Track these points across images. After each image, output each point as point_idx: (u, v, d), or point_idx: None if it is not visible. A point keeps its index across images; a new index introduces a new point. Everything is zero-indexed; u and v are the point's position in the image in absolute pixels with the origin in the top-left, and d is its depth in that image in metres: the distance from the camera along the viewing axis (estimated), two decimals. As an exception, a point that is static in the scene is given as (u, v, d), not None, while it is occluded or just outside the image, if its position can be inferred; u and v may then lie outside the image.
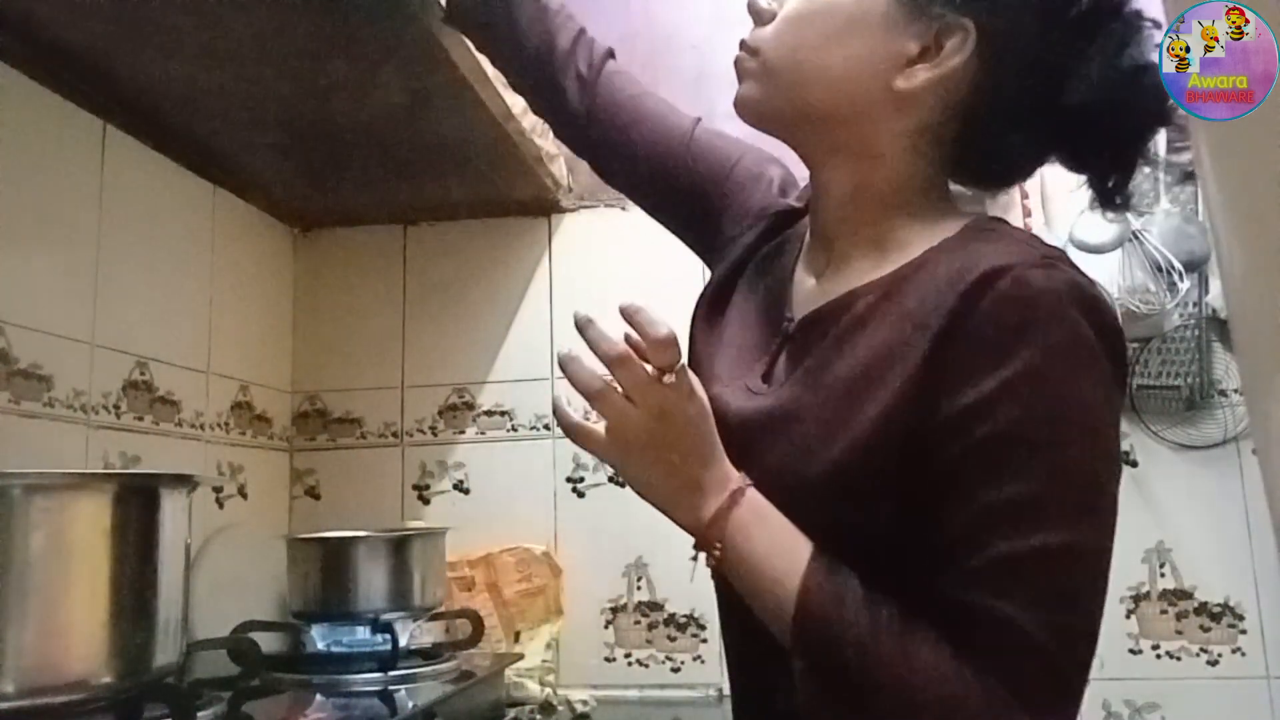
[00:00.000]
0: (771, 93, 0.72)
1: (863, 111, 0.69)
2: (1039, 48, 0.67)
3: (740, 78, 0.74)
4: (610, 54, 0.96)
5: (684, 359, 0.66)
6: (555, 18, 0.94)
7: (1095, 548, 0.61)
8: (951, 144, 0.71)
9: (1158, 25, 0.66)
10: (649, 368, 0.65)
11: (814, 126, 0.72)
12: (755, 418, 0.71)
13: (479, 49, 1.02)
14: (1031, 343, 0.59)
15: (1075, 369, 0.60)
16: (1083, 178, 0.71)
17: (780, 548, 0.65)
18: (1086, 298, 0.61)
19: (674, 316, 1.89)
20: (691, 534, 0.68)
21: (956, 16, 0.66)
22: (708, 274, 1.87)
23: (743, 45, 0.74)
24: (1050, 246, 0.66)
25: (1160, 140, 1.61)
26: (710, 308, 0.85)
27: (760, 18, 0.73)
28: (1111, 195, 0.70)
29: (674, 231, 0.96)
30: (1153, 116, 0.67)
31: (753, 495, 0.67)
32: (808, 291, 0.76)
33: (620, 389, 0.66)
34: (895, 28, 0.67)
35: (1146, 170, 1.59)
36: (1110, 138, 0.68)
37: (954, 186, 0.76)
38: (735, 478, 0.67)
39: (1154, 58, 0.67)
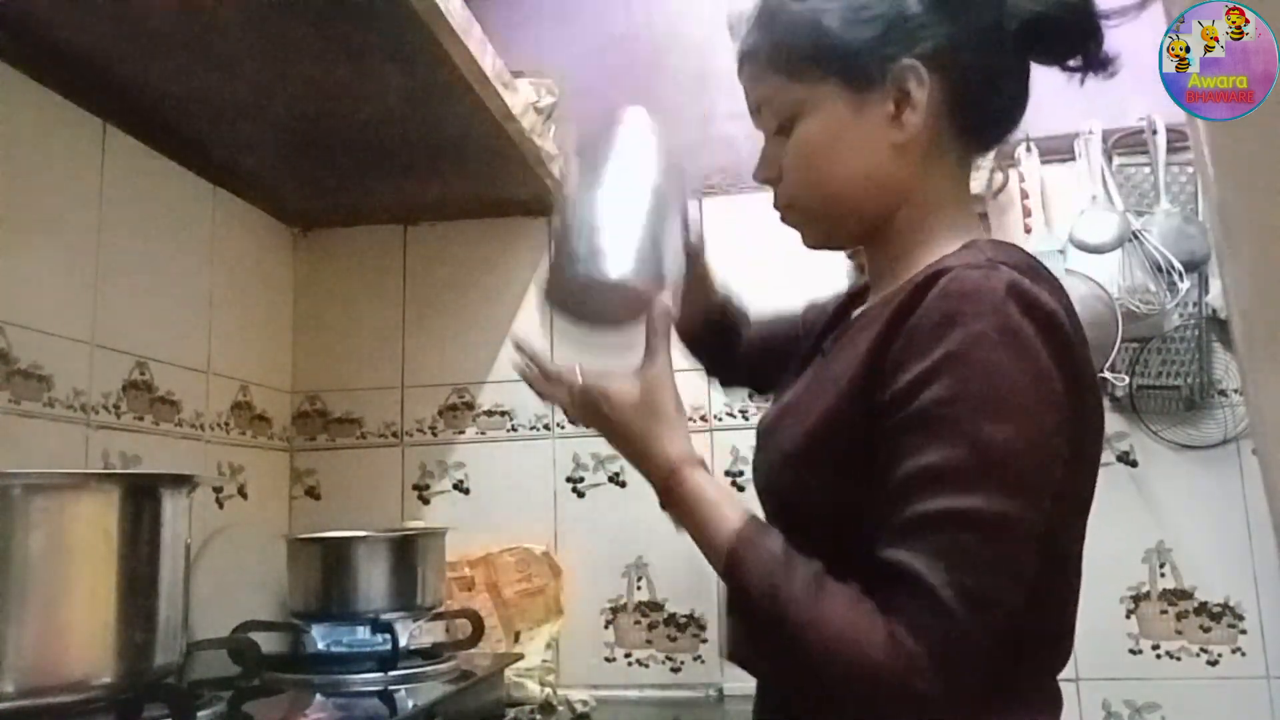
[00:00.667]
0: (826, 227, 0.82)
1: (885, 180, 0.77)
2: (963, 23, 0.74)
3: (796, 228, 0.84)
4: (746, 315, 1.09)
5: (580, 379, 0.82)
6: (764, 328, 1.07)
7: (1009, 519, 0.64)
8: (955, 139, 0.77)
9: None
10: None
11: (864, 218, 0.80)
12: (770, 422, 0.83)
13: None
14: (959, 329, 0.65)
15: (1002, 353, 0.65)
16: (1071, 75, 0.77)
17: (716, 520, 0.73)
18: (1024, 294, 0.66)
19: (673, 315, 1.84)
20: None
21: (899, 63, 0.74)
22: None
23: (777, 206, 0.83)
24: (1014, 254, 0.72)
25: (1162, 143, 1.62)
26: (795, 368, 0.94)
27: (771, 181, 0.82)
28: (1096, 62, 0.75)
29: None
30: None
31: (689, 477, 0.76)
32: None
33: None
34: (863, 107, 0.75)
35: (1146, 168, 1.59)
36: (1064, 20, 0.74)
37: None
38: (675, 461, 0.76)
39: None
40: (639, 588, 1.66)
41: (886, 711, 0.64)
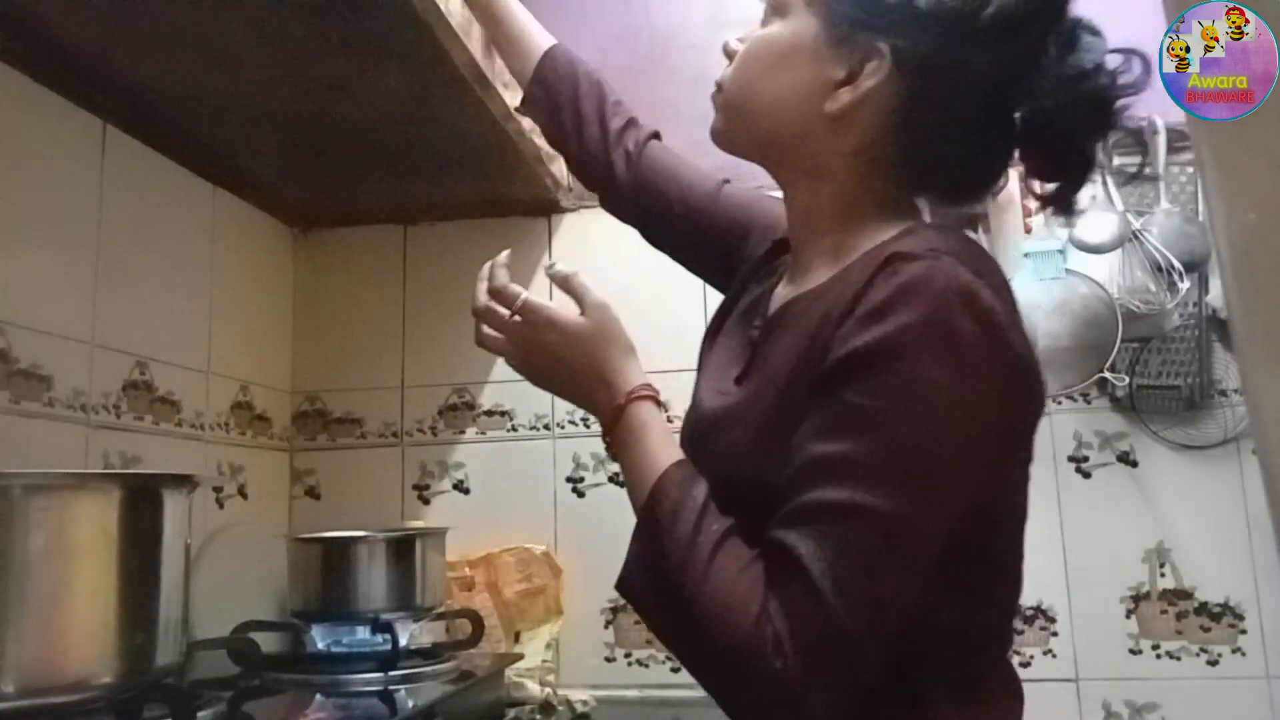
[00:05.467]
0: (731, 123, 0.81)
1: (803, 134, 0.76)
2: (958, 61, 0.70)
3: (715, 111, 0.83)
4: (655, 135, 1.05)
5: (523, 297, 0.81)
6: (611, 108, 1.05)
7: (907, 523, 0.63)
8: (897, 161, 0.75)
9: (1096, 31, 0.72)
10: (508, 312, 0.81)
11: (769, 150, 0.80)
12: (715, 414, 0.79)
13: (545, 136, 1.13)
14: (893, 319, 0.64)
15: (931, 352, 0.63)
16: (1043, 186, 0.76)
17: (655, 452, 0.73)
18: (964, 288, 0.64)
19: (673, 314, 1.88)
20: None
21: (874, 42, 0.71)
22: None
23: (717, 81, 0.82)
24: (957, 242, 0.69)
25: (1162, 143, 1.62)
26: (715, 326, 0.93)
27: (731, 58, 0.81)
28: (1065, 201, 0.75)
29: (713, 285, 1.04)
30: (1096, 121, 0.72)
31: (634, 411, 0.76)
32: (779, 299, 0.82)
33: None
34: (822, 57, 0.74)
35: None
36: (1058, 142, 0.73)
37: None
38: (622, 393, 0.76)
39: (1098, 61, 0.71)
40: (639, 588, 1.66)
41: (741, 684, 0.65)
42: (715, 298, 1.67)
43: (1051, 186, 0.75)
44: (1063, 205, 0.75)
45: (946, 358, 0.64)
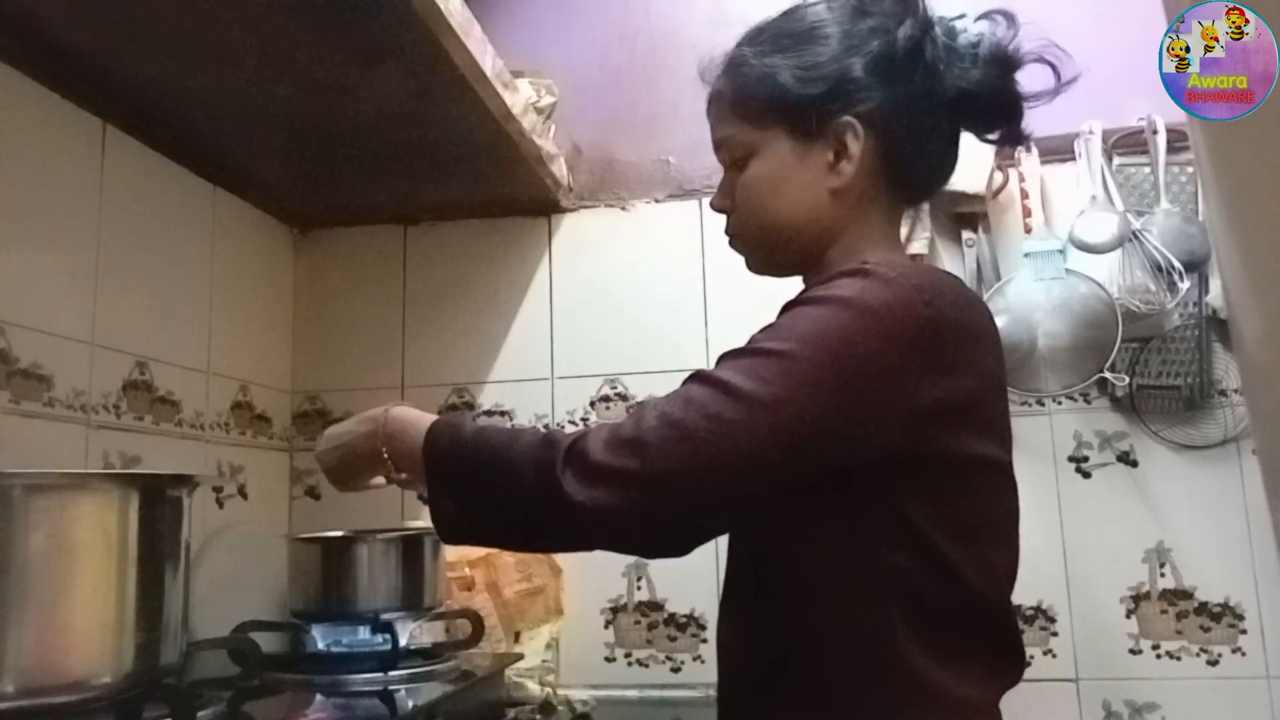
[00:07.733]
0: (763, 255, 0.91)
1: (821, 219, 0.86)
2: (903, 93, 0.83)
3: (741, 254, 0.92)
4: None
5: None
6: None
7: (745, 396, 0.70)
8: (888, 189, 0.86)
9: (962, 15, 0.85)
10: None
11: (800, 252, 0.88)
12: None
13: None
14: (812, 300, 0.75)
15: (834, 316, 0.72)
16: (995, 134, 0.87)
17: (420, 422, 0.83)
18: (888, 293, 0.73)
19: (673, 314, 1.88)
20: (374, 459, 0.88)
21: (838, 119, 0.83)
22: (706, 275, 1.88)
23: (727, 232, 0.92)
24: (922, 269, 0.81)
25: (1162, 143, 1.64)
26: None
27: (725, 210, 0.91)
28: (1012, 136, 0.86)
29: None
30: (1005, 69, 0.83)
31: (391, 410, 0.86)
32: None
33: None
34: (806, 156, 0.84)
35: (1146, 170, 1.59)
36: (989, 101, 0.84)
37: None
38: (377, 415, 0.87)
39: (979, 31, 0.84)
40: (639, 588, 1.66)
41: (538, 497, 0.72)
42: (715, 298, 1.68)
43: (998, 133, 0.86)
44: (1017, 139, 0.87)
45: (852, 322, 0.72)
